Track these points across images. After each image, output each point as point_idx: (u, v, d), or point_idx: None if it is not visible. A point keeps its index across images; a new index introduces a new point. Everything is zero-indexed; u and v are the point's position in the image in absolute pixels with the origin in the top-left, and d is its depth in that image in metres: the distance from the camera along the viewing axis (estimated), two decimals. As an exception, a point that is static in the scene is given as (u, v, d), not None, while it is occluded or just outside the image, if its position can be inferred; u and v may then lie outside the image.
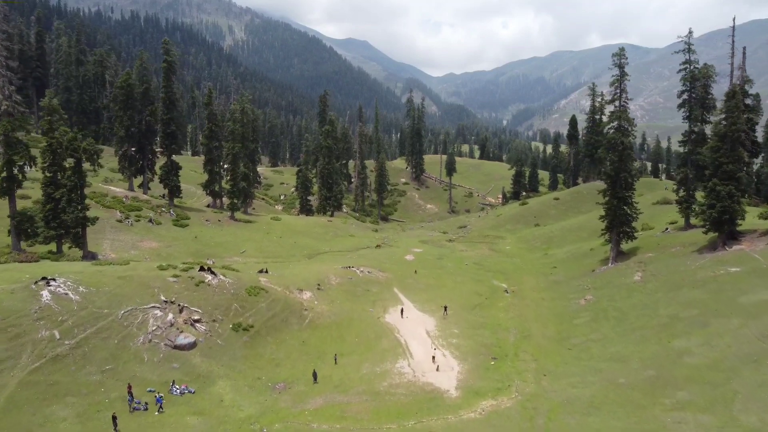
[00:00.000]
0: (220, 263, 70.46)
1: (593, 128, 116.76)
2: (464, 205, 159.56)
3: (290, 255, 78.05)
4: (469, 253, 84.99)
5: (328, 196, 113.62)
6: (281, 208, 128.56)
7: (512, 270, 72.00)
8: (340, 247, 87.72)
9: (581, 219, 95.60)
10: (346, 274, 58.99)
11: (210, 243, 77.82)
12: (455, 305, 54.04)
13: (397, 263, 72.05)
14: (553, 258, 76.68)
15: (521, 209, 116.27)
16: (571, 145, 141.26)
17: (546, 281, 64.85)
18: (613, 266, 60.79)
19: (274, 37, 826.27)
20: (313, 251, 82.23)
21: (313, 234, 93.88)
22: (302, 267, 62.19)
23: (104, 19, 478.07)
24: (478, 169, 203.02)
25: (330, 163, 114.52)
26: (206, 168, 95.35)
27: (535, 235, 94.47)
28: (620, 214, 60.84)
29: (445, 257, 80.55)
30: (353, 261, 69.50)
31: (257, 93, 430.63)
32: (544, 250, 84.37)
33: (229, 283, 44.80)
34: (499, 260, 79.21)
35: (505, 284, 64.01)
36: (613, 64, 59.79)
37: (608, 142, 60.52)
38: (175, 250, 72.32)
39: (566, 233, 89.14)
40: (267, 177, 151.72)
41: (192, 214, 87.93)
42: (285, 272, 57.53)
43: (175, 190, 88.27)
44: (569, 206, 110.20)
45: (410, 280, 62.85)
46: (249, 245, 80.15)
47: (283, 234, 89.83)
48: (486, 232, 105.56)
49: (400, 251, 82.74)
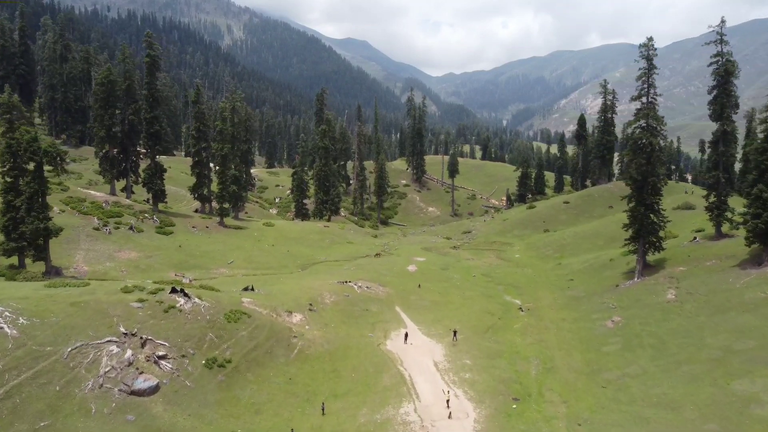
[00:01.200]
0: (205, 275, 64.38)
1: (605, 128, 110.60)
2: (467, 207, 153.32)
3: (282, 266, 71.75)
4: (476, 263, 78.77)
5: (324, 199, 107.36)
6: (276, 212, 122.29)
7: (525, 283, 65.72)
8: (337, 255, 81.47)
9: (595, 225, 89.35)
10: (342, 291, 52.72)
11: (195, 252, 71.52)
12: (465, 327, 47.78)
13: (398, 275, 65.80)
14: (569, 269, 70.42)
15: (529, 213, 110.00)
16: (579, 145, 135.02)
17: (564, 297, 58.59)
18: (639, 281, 54.54)
19: (273, 36, 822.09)
20: (308, 261, 75.95)
21: (309, 241, 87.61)
22: (294, 282, 55.91)
23: (101, 17, 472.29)
24: (481, 170, 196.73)
25: (327, 164, 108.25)
26: (194, 170, 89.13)
27: (546, 242, 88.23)
28: (647, 222, 54.61)
29: (450, 267, 74.35)
30: (350, 274, 63.22)
31: (255, 92, 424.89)
32: (557, 259, 78.13)
33: (206, 307, 38.50)
34: (509, 271, 72.95)
35: (518, 300, 57.75)
36: (639, 56, 53.49)
37: (634, 142, 54.25)
38: (155, 261, 66.02)
39: (580, 240, 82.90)
40: (262, 179, 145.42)
41: (178, 220, 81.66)
42: (274, 289, 51.25)
43: (160, 194, 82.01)
44: (580, 210, 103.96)
45: (414, 296, 56.57)
46: (238, 255, 73.85)
47: (276, 242, 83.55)
48: (492, 238, 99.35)
49: (401, 260, 76.52)
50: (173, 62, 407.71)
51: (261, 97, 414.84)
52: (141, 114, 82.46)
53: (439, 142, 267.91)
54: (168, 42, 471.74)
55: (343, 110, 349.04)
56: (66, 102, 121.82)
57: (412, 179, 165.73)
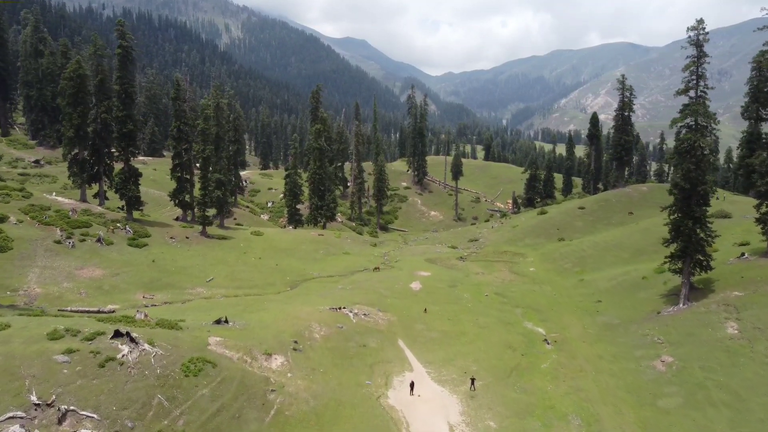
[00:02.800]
0: (178, 296, 55.90)
1: (622, 127, 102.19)
2: (471, 211, 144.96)
3: (269, 283, 63.25)
4: (488, 278, 70.36)
5: (319, 205, 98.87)
6: (267, 217, 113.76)
7: (546, 305, 57.28)
8: (332, 269, 73.01)
9: (616, 234, 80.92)
10: (335, 321, 44.26)
11: (170, 268, 63.00)
12: (484, 368, 39.40)
13: (400, 296, 57.39)
14: (593, 287, 62.02)
15: (541, 220, 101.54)
16: (591, 145, 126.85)
17: (594, 324, 50.19)
18: (686, 308, 46.17)
19: (271, 35, 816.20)
20: (299, 277, 67.46)
21: (301, 253, 79.14)
22: (279, 308, 47.45)
23: (96, 15, 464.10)
24: (485, 172, 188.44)
25: (322, 167, 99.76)
26: (174, 174, 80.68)
27: (563, 253, 79.81)
28: (695, 238, 46.23)
29: (458, 284, 65.94)
30: (346, 295, 54.79)
31: (251, 91, 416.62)
32: (578, 274, 69.74)
33: (158, 355, 30.05)
34: (525, 289, 64.50)
35: (542, 329, 49.34)
36: (688, 42, 45.09)
37: (681, 144, 45.81)
38: (122, 280, 57.54)
39: (602, 252, 74.48)
40: (254, 182, 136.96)
41: (155, 230, 73.14)
42: (253, 319, 42.81)
43: (134, 201, 73.52)
44: (597, 217, 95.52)
45: (419, 324, 48.13)
46: (219, 270, 65.35)
47: (264, 254, 75.08)
48: (502, 248, 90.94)
49: (403, 275, 68.11)
50: (168, 60, 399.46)
51: (257, 96, 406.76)
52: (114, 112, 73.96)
53: (440, 142, 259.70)
54: (163, 40, 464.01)
55: (341, 109, 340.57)
56: (42, 100, 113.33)
57: (413, 181, 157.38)
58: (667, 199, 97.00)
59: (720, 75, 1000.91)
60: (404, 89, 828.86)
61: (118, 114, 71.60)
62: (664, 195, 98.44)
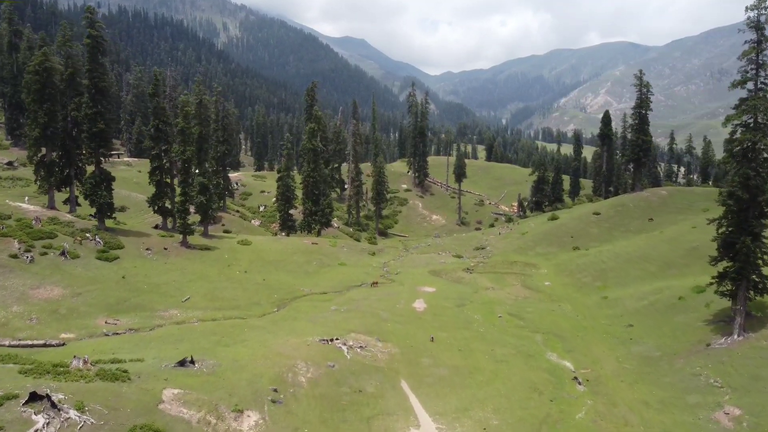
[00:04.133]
0: (146, 321, 48.46)
1: (640, 126, 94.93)
2: (475, 215, 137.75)
3: (253, 303, 55.91)
4: (499, 294, 63.11)
5: (313, 210, 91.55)
6: (259, 223, 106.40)
7: (569, 329, 50.01)
8: (326, 284, 65.69)
9: (639, 243, 73.63)
10: (325, 357, 36.98)
11: (142, 286, 55.66)
12: (507, 422, 32.16)
13: (402, 318, 50.15)
14: (620, 307, 54.79)
15: (552, 226, 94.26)
16: (603, 146, 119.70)
17: (630, 357, 42.94)
18: (742, 339, 38.96)
19: (270, 34, 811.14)
20: (287, 294, 60.11)
21: (291, 265, 71.83)
22: (258, 340, 40.15)
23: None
24: (488, 173, 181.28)
25: (316, 169, 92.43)
26: (152, 178, 73.28)
27: (579, 265, 72.56)
28: (753, 258, 38.98)
29: (467, 302, 58.72)
30: (339, 320, 47.55)
31: (248, 90, 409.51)
32: (600, 290, 62.50)
33: (87, 427, 22.74)
34: (542, 308, 57.21)
35: (569, 362, 42.07)
36: (746, 25, 37.77)
37: (736, 145, 38.54)
38: (84, 301, 50.20)
39: (625, 265, 67.21)
40: (245, 184, 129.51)
41: (129, 240, 65.78)
42: (226, 356, 35.51)
43: (106, 208, 66.13)
44: (614, 224, 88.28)
45: (426, 358, 40.85)
46: (198, 288, 58.01)
47: (251, 266, 67.77)
48: (512, 257, 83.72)
49: (405, 292, 60.91)
50: (164, 59, 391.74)
51: (254, 95, 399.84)
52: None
53: (440, 141, 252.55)
54: (159, 38, 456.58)
55: (339, 108, 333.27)
56: (17, 97, 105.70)
57: (413, 183, 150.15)
58: (689, 205, 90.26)
59: (720, 74, 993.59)
60: (403, 88, 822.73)
61: (88, 111, 64.17)
62: (685, 199, 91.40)
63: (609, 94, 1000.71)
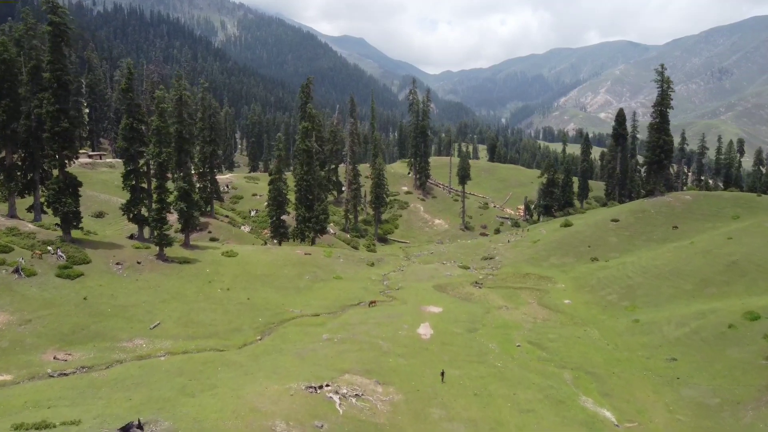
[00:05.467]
0: (104, 356, 40.99)
1: (661, 125, 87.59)
2: (479, 219, 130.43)
3: (234, 329, 48.47)
4: (514, 315, 55.81)
5: (307, 216, 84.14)
6: (249, 229, 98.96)
7: (602, 364, 42.67)
8: (318, 303, 58.28)
9: (666, 256, 66.24)
10: (311, 414, 29.64)
11: (105, 310, 48.24)
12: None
13: (406, 350, 42.85)
14: (657, 334, 47.45)
15: (566, 233, 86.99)
16: (616, 146, 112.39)
17: (682, 404, 35.65)
18: (825, 388, 31.65)
19: (268, 33, 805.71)
20: (274, 316, 52.70)
21: (281, 279, 64.42)
22: (231, 387, 32.79)
23: (86, 11, 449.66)
24: (491, 174, 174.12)
25: (310, 171, 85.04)
26: (127, 182, 65.84)
27: (601, 280, 65.27)
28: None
29: (479, 325, 51.49)
30: (332, 354, 40.22)
31: (244, 88, 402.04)
32: (629, 311, 55.19)
33: None
34: (566, 334, 49.86)
35: (609, 411, 34.76)
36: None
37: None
38: (33, 330, 42.83)
39: (654, 281, 59.92)
40: (237, 186, 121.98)
41: (97, 253, 58.33)
42: (185, 418, 28.15)
43: (72, 217, 58.66)
44: (635, 232, 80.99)
45: (436, 408, 33.53)
46: (172, 310, 50.61)
47: (235, 282, 60.35)
48: (524, 269, 76.49)
49: (408, 313, 53.66)
50: (159, 57, 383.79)
51: (251, 94, 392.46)
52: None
53: (441, 141, 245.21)
54: (155, 36, 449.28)
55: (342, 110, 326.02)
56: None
57: (414, 185, 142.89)
58: (717, 211, 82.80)
59: (721, 73, 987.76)
60: (402, 88, 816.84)
61: (50, 108, 56.69)
62: (712, 205, 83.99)
63: (609, 93, 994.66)
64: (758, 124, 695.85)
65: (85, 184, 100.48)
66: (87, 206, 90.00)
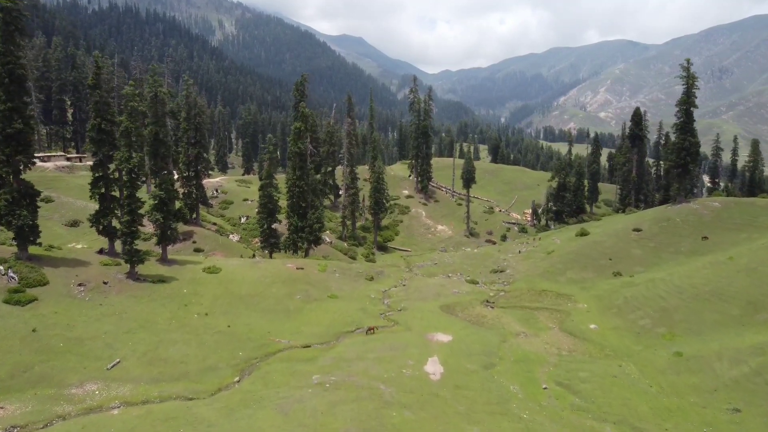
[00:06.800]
0: (45, 407, 33.55)
1: (685, 125, 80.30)
2: (485, 225, 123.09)
3: (207, 369, 41.01)
4: (535, 344, 48.50)
5: (299, 226, 76.78)
6: (238, 237, 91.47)
7: (649, 415, 35.34)
8: (310, 330, 50.85)
9: (704, 273, 58.82)
10: None
11: (56, 344, 40.84)
12: None
13: (412, 398, 35.53)
14: (708, 371, 40.15)
15: (582, 244, 79.71)
16: (632, 148, 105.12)
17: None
18: None
19: (266, 32, 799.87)
20: (258, 349, 45.25)
21: (269, 300, 57.02)
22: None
23: (80, 9, 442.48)
24: (496, 176, 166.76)
25: (303, 176, 77.69)
26: (95, 191, 58.39)
27: (628, 299, 57.93)
28: None
29: (496, 358, 44.19)
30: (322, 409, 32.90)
31: (241, 87, 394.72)
32: (667, 340, 47.88)
33: None
34: (598, 371, 42.51)
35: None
36: None
37: None
38: (-39, 375, 35.40)
39: (692, 303, 52.61)
40: (227, 190, 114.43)
41: (58, 273, 50.97)
42: None
43: (28, 232, 51.22)
44: (660, 243, 73.69)
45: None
46: (136, 343, 43.19)
47: (215, 305, 52.97)
48: (538, 284, 69.20)
49: (413, 343, 46.33)
50: (154, 55, 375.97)
51: (247, 93, 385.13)
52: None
53: (441, 141, 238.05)
54: (150, 34, 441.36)
55: (339, 108, 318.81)
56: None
57: (415, 189, 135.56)
58: (751, 220, 75.24)
59: (721, 72, 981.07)
60: (401, 87, 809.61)
61: (1, 107, 49.25)
62: (745, 213, 76.46)
63: (609, 93, 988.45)
64: (759, 123, 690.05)
65: (60, 189, 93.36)
66: (61, 214, 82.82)
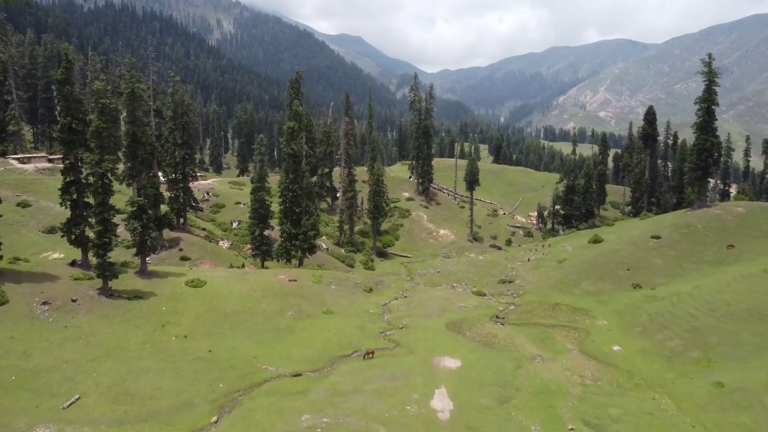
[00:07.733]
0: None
1: (705, 125, 74.89)
2: (488, 228, 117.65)
3: (181, 405, 35.56)
4: (554, 370, 43.10)
5: (293, 233, 71.33)
6: (228, 244, 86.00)
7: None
8: (302, 354, 45.42)
9: (735, 287, 53.36)
10: None
11: (7, 378, 35.43)
12: None
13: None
14: (758, 408, 34.89)
15: (597, 252, 74.34)
16: (645, 149, 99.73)
17: None
18: None
19: (264, 31, 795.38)
20: (241, 378, 39.79)
21: (257, 318, 51.57)
22: None
23: (76, 7, 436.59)
24: (498, 177, 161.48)
25: (297, 180, 72.25)
26: (65, 197, 52.90)
27: (653, 316, 52.55)
28: None
29: (512, 390, 38.82)
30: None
31: (238, 86, 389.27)
32: (703, 365, 42.53)
33: None
34: (631, 406, 37.12)
35: None
36: None
37: None
38: None
39: (728, 322, 47.26)
40: (219, 193, 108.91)
41: (20, 289, 45.55)
42: None
43: (-14, 243, 45.81)
44: (681, 252, 68.29)
45: None
46: (102, 373, 37.72)
47: (196, 325, 47.54)
48: (551, 296, 63.82)
49: (417, 372, 40.92)
50: (149, 54, 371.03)
51: (244, 92, 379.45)
52: None
53: (442, 141, 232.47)
54: (147, 33, 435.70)
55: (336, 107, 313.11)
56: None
57: (416, 191, 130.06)
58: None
59: (721, 72, 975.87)
60: (400, 86, 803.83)
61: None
62: (773, 220, 71.45)
63: (609, 92, 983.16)
64: (760, 122, 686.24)
65: (39, 193, 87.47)
66: (38, 219, 77.08)
